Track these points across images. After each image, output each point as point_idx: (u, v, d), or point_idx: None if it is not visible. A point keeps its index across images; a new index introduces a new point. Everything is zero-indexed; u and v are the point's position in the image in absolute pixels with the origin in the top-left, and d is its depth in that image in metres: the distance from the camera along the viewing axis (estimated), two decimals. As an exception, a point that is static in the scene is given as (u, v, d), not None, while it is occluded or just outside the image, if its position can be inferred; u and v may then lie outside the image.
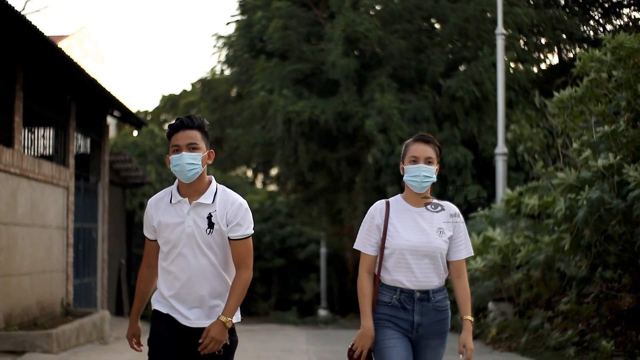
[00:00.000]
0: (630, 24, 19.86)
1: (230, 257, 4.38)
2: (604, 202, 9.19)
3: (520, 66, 20.20)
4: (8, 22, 10.57)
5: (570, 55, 20.77)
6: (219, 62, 24.68)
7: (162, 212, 4.38)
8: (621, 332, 9.82)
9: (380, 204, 4.75)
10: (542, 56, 21.52)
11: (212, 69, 26.33)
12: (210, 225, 4.29)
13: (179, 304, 4.32)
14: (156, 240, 4.46)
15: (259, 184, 36.40)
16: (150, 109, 37.39)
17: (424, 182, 4.62)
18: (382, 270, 4.66)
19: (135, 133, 27.78)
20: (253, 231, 4.39)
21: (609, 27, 20.50)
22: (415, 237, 4.60)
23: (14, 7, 10.09)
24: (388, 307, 4.60)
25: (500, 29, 16.71)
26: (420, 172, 4.60)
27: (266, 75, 21.19)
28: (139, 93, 66.73)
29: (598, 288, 10.65)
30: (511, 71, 19.38)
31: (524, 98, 19.58)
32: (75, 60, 12.97)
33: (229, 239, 4.33)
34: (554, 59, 21.80)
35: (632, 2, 20.84)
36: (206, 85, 27.05)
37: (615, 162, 9.31)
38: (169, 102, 36.83)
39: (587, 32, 20.81)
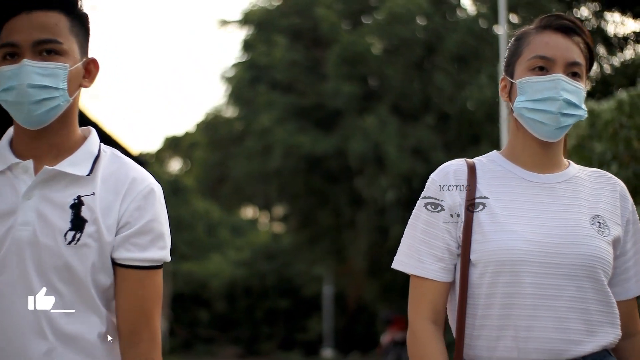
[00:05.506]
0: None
1: (111, 300, 2.00)
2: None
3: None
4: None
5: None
6: (223, 103, 24.73)
7: None
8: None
9: (455, 166, 2.18)
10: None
11: (215, 108, 26.35)
12: (77, 224, 1.93)
13: None
14: None
15: (262, 225, 36.29)
16: (153, 151, 37.48)
17: (564, 117, 2.10)
18: (467, 317, 2.10)
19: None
20: (170, 257, 2.02)
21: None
22: (544, 232, 2.06)
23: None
24: None
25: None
26: (559, 93, 2.08)
27: (267, 105, 20.84)
28: (140, 135, 66.95)
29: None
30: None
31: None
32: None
33: (117, 263, 1.97)
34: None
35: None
36: (210, 128, 27.03)
37: None
38: (172, 143, 36.89)
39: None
